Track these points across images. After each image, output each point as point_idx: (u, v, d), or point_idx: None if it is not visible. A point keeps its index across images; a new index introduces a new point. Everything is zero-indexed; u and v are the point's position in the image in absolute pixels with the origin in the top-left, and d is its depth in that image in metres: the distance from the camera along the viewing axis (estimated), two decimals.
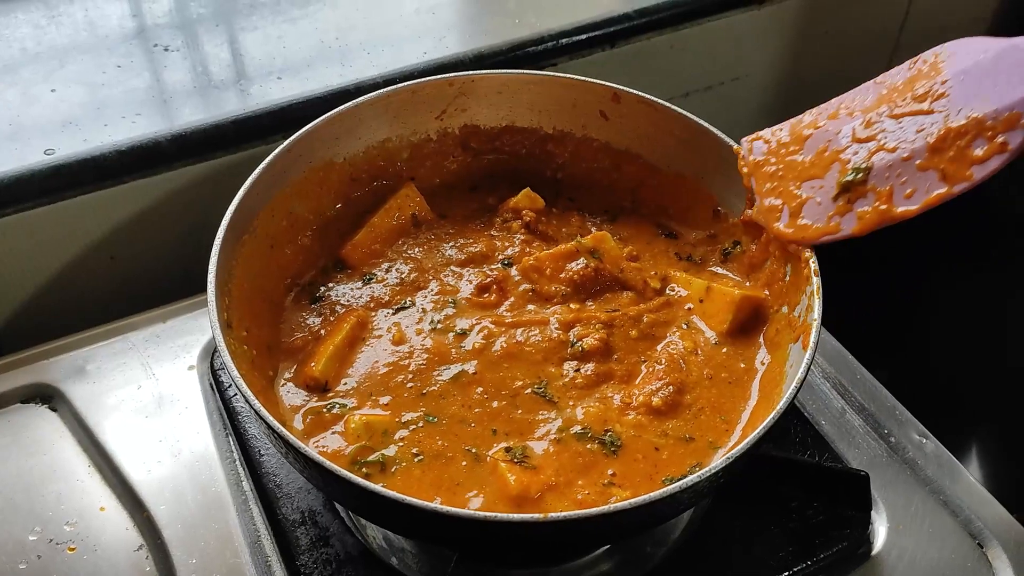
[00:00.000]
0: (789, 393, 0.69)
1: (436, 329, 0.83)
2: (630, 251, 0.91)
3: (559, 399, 0.79)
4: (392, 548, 0.81)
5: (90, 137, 0.97)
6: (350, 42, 1.13)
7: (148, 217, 1.02)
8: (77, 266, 1.02)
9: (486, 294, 0.86)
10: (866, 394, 0.94)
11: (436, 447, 0.74)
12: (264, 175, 0.82)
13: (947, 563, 0.82)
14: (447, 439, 0.75)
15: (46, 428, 0.89)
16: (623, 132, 0.95)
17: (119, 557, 0.79)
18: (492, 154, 0.97)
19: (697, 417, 0.78)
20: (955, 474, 0.88)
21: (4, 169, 0.93)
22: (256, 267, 0.82)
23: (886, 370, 0.98)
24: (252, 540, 0.80)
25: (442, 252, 0.91)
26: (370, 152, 0.93)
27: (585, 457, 0.75)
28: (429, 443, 0.75)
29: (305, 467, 0.65)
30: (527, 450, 0.74)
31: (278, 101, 1.03)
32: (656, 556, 0.82)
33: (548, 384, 0.80)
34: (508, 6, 1.19)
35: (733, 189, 0.88)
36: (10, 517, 0.81)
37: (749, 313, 0.84)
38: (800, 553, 0.80)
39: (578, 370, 0.81)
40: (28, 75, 1.05)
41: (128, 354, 0.94)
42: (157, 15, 1.15)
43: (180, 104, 1.03)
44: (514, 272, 0.88)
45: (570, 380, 0.80)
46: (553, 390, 0.79)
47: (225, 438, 0.87)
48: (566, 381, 0.80)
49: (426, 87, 0.93)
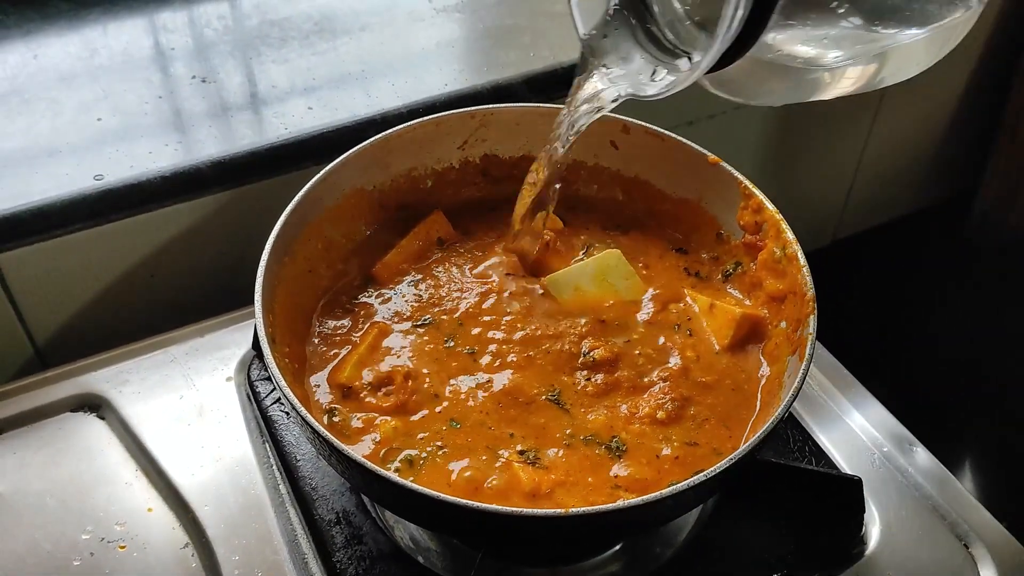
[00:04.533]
0: (786, 401, 0.75)
1: (456, 340, 0.89)
2: (640, 267, 0.97)
3: (571, 407, 0.84)
4: (419, 547, 0.87)
5: (135, 164, 1.04)
6: (374, 73, 1.20)
7: (187, 238, 1.09)
8: (120, 284, 1.08)
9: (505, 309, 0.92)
10: (860, 405, 1.00)
11: (459, 446, 0.80)
12: (302, 202, 0.89)
13: (935, 564, 0.87)
14: (469, 439, 0.81)
15: (94, 435, 0.95)
16: (632, 160, 1.02)
17: (167, 555, 0.85)
18: (510, 181, 1.04)
19: (701, 426, 0.83)
20: (944, 481, 0.94)
21: (57, 193, 1.00)
22: (295, 287, 0.88)
23: (879, 383, 1.04)
24: (290, 539, 0.86)
25: (463, 268, 0.97)
26: (397, 180, 1.00)
27: (593, 460, 0.80)
28: (452, 442, 0.81)
29: (347, 468, 0.72)
30: (542, 444, 0.80)
31: (309, 129, 1.10)
32: (664, 556, 0.88)
33: (561, 392, 0.85)
34: (523, 40, 1.26)
35: (734, 214, 0.95)
36: (64, 518, 0.87)
37: (749, 330, 0.90)
38: (797, 553, 0.86)
39: (589, 379, 0.86)
40: (73, 104, 1.12)
41: (170, 366, 1.00)
42: (191, 49, 1.22)
43: (216, 132, 1.10)
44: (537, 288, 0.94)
45: (581, 389, 0.86)
46: (565, 398, 0.85)
47: (262, 444, 0.94)
48: (577, 390, 0.86)
49: (449, 119, 0.99)
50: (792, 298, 0.87)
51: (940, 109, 1.73)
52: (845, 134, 1.63)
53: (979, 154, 1.81)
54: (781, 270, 0.90)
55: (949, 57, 0.73)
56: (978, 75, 1.70)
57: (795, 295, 0.86)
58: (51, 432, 0.94)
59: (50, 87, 1.14)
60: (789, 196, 0.98)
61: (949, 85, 1.70)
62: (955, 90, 1.71)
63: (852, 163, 1.69)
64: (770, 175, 1.57)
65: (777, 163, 1.58)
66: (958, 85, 1.70)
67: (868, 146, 1.67)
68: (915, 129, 1.73)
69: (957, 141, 1.80)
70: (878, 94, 1.59)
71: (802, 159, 1.61)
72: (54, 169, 1.03)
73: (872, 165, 1.70)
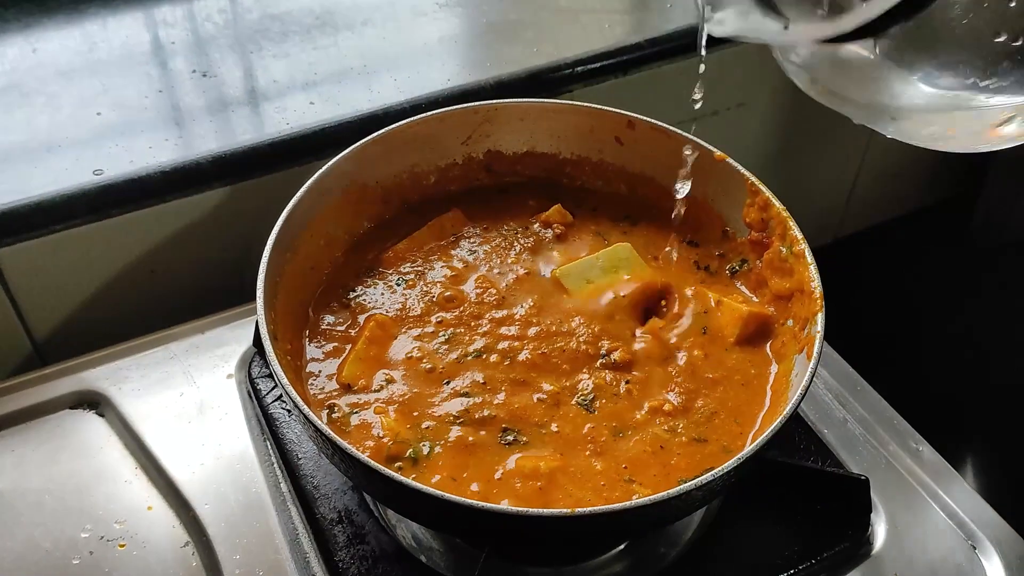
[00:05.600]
0: (794, 401, 0.74)
1: (462, 335, 0.88)
2: (651, 260, 0.96)
3: (584, 403, 0.83)
4: (421, 547, 0.86)
5: (135, 158, 1.03)
6: (377, 68, 1.19)
7: (187, 234, 1.08)
8: (120, 279, 1.07)
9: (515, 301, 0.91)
10: (867, 405, 0.99)
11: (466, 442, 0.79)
12: (304, 198, 0.88)
13: (942, 563, 0.87)
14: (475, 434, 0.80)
15: (94, 432, 0.94)
16: (637, 157, 1.01)
17: (167, 553, 0.84)
18: (514, 176, 1.03)
19: (711, 420, 0.83)
20: (950, 480, 0.93)
21: (56, 188, 0.99)
22: (296, 283, 0.87)
23: (886, 382, 1.03)
24: (291, 538, 0.85)
25: (473, 259, 0.96)
26: (400, 176, 0.99)
27: (605, 455, 0.79)
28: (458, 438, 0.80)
29: (350, 467, 0.71)
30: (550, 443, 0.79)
31: (311, 125, 1.09)
32: (669, 556, 0.88)
33: (573, 387, 0.84)
34: (526, 36, 1.25)
35: (740, 212, 0.94)
36: (63, 516, 0.86)
37: (756, 328, 0.90)
38: (804, 553, 0.85)
39: (602, 375, 0.85)
40: (73, 99, 1.11)
41: (170, 363, 0.99)
42: (192, 43, 1.22)
43: (217, 127, 1.09)
44: (545, 276, 0.93)
45: (594, 385, 0.85)
46: (579, 393, 0.84)
47: (263, 442, 0.93)
48: (591, 386, 0.85)
49: (453, 115, 0.99)
50: (799, 296, 0.86)
51: None
52: (848, 131, 1.61)
53: (982, 152, 1.80)
54: (788, 268, 0.89)
55: None
56: None
57: (802, 293, 0.86)
58: (50, 429, 0.93)
59: (49, 81, 1.13)
60: (791, 194, 0.98)
61: None
62: None
63: (855, 160, 1.68)
64: (772, 172, 1.55)
65: (780, 160, 1.58)
66: None
67: (871, 143, 1.66)
68: None
69: None
70: None
71: (805, 156, 1.60)
72: (53, 164, 1.02)
73: (875, 163, 1.69)
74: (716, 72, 1.34)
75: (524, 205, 1.02)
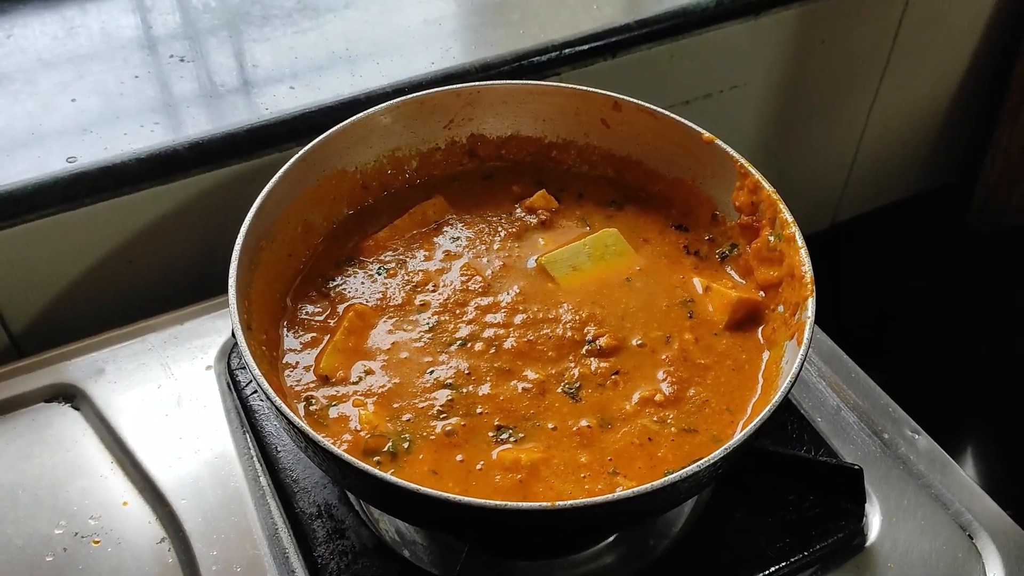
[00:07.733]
0: (783, 389, 0.72)
1: (446, 323, 0.86)
2: (641, 243, 0.94)
3: (569, 392, 0.81)
4: (404, 541, 0.84)
5: (110, 145, 1.01)
6: (359, 52, 1.16)
7: (165, 222, 1.05)
8: (96, 270, 1.05)
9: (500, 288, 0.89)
10: (860, 392, 0.97)
11: (447, 433, 0.77)
12: (280, 184, 0.85)
13: (938, 553, 0.85)
14: (459, 424, 0.78)
15: (69, 426, 0.92)
16: (624, 139, 0.98)
17: (142, 550, 0.82)
18: (498, 161, 1.01)
19: (701, 409, 0.80)
20: (946, 469, 0.91)
21: (28, 176, 0.96)
22: (273, 272, 0.85)
23: (879, 369, 1.01)
24: (270, 533, 0.83)
25: (456, 248, 0.93)
26: (380, 161, 0.96)
27: (591, 447, 0.77)
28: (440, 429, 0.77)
29: (324, 460, 0.69)
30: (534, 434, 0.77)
31: (291, 110, 1.07)
32: (659, 548, 0.85)
33: (560, 376, 0.82)
34: (512, 17, 1.22)
35: (730, 195, 0.92)
36: (36, 512, 0.84)
37: (745, 313, 0.87)
38: (797, 544, 0.83)
39: (588, 364, 0.83)
40: (48, 85, 1.08)
41: (147, 355, 0.97)
42: (171, 27, 1.19)
43: (196, 113, 1.07)
44: (530, 263, 0.91)
45: (580, 373, 0.82)
46: (564, 382, 0.82)
47: (243, 435, 0.91)
48: (577, 374, 0.82)
49: (434, 97, 0.96)
50: (789, 281, 0.84)
51: (941, 92, 1.70)
52: (845, 116, 1.60)
53: (980, 137, 1.78)
54: (776, 257, 0.87)
55: (950, 39, 0.70)
56: (979, 58, 1.67)
57: (792, 278, 0.83)
58: (24, 423, 0.91)
59: (25, 68, 1.11)
60: (787, 178, 0.95)
61: (950, 67, 1.67)
62: (956, 73, 1.68)
63: (852, 145, 1.65)
64: (767, 157, 1.54)
65: (775, 145, 1.55)
66: (959, 68, 1.67)
67: (868, 128, 1.63)
68: (916, 112, 1.70)
69: (958, 124, 1.77)
70: (878, 74, 1.55)
71: (801, 141, 1.58)
72: (26, 152, 1.00)
73: (872, 147, 1.67)
74: (706, 55, 1.32)
75: (508, 191, 0.99)
